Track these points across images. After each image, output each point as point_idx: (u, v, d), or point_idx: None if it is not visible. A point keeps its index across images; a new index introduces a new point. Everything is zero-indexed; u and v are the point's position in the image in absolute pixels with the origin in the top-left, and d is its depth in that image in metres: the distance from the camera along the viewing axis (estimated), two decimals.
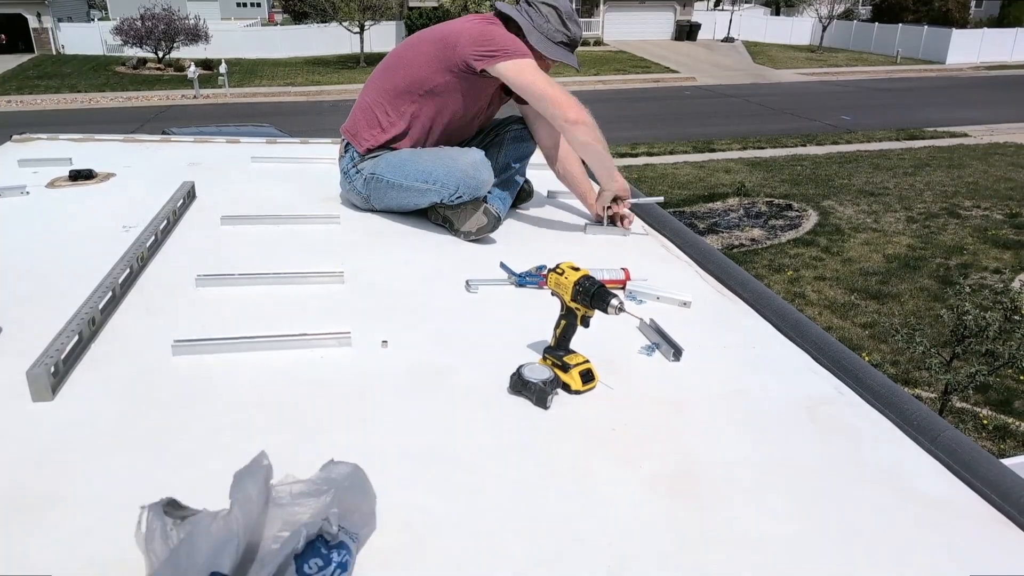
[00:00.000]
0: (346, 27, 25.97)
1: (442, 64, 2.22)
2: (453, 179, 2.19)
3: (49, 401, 1.31)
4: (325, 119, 17.35)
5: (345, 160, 2.41)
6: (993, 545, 1.12)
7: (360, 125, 2.37)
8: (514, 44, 2.17)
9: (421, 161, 2.26)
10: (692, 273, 2.15)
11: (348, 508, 0.95)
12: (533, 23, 2.26)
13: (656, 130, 16.19)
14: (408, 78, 2.28)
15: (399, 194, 2.31)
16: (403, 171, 2.27)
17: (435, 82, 2.25)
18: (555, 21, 2.28)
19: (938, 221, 10.16)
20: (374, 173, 2.31)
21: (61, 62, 25.82)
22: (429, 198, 2.26)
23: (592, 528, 1.08)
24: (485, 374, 1.49)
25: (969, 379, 4.93)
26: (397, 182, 2.28)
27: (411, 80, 2.28)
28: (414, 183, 2.25)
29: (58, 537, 1.01)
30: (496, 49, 2.15)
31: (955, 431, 1.34)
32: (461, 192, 2.20)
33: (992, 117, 17.60)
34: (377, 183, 2.32)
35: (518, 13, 2.27)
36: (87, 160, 2.80)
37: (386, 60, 2.40)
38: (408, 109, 2.30)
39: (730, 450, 1.30)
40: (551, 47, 2.28)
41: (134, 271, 1.85)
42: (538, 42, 2.25)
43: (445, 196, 2.22)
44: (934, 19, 32.65)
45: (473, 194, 2.22)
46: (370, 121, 2.34)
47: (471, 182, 2.19)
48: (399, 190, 2.30)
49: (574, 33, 2.32)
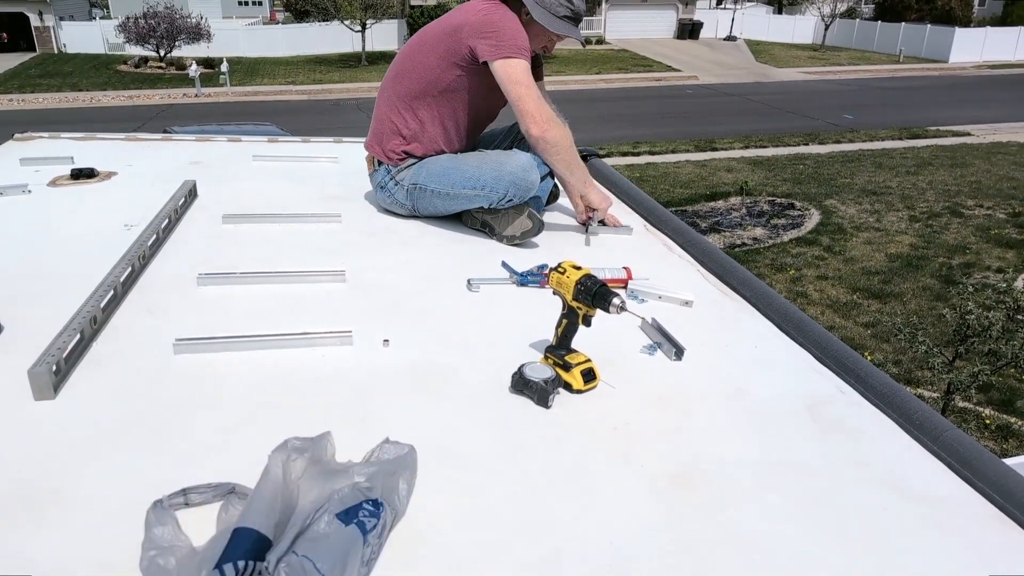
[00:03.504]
0: (347, 25, 25.95)
1: (450, 58, 2.18)
2: (503, 183, 2.16)
3: (51, 400, 1.31)
4: (327, 118, 17.35)
5: (379, 174, 2.38)
6: (995, 545, 1.11)
7: (384, 138, 2.33)
8: (513, 38, 2.12)
9: (467, 167, 2.23)
10: (694, 272, 2.14)
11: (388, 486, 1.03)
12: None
13: (658, 129, 16.17)
14: (420, 81, 2.25)
15: (445, 202, 2.29)
16: (448, 179, 2.25)
17: (447, 80, 2.22)
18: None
19: (941, 220, 10.14)
20: (416, 183, 2.29)
21: (63, 61, 25.84)
22: (477, 203, 2.24)
23: (592, 528, 1.08)
24: (486, 373, 1.49)
25: (972, 379, 4.92)
26: (443, 191, 2.26)
27: (423, 83, 2.24)
28: (462, 190, 2.23)
29: (59, 535, 1.01)
30: (497, 43, 2.11)
31: (957, 431, 1.34)
32: (511, 196, 2.17)
33: (995, 116, 17.56)
34: (422, 193, 2.29)
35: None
36: (89, 159, 2.81)
37: (394, 67, 2.35)
38: (427, 113, 2.27)
39: (732, 449, 1.29)
40: (555, 21, 2.21)
41: (135, 270, 1.85)
42: (542, 16, 2.19)
43: (494, 200, 2.19)
44: (937, 18, 32.57)
45: (523, 197, 2.19)
46: (392, 131, 2.31)
47: (522, 184, 2.16)
48: (446, 199, 2.27)
49: (577, 6, 2.25)
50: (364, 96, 20.52)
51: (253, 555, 0.85)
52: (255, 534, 0.88)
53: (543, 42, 2.29)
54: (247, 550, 0.86)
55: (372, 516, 0.95)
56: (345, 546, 0.90)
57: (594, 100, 19.46)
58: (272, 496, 0.93)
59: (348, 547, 0.90)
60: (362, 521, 0.93)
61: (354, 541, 0.91)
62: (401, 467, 1.08)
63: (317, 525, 0.91)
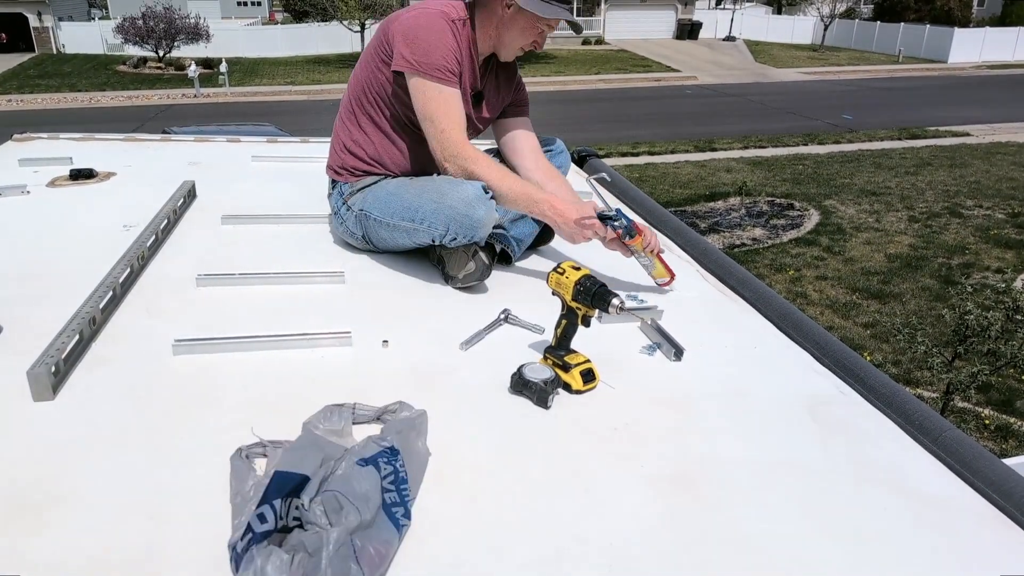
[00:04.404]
0: (346, 26, 25.96)
1: (380, 54, 1.93)
2: (441, 218, 1.82)
3: (50, 401, 1.31)
4: (326, 118, 17.29)
5: (334, 197, 2.12)
6: (995, 545, 1.11)
7: (334, 154, 2.10)
8: (427, 53, 1.84)
9: (407, 195, 1.92)
10: (693, 272, 2.14)
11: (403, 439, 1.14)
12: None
13: (657, 129, 16.17)
14: (359, 83, 2.01)
15: (390, 233, 1.97)
16: (389, 207, 1.94)
17: (379, 79, 1.94)
18: None
19: (940, 220, 10.14)
20: (363, 209, 2.00)
21: (61, 61, 25.83)
22: (419, 238, 1.92)
23: (592, 528, 1.08)
24: (486, 374, 1.48)
25: (971, 379, 4.92)
26: (384, 220, 1.95)
27: (360, 85, 2.00)
28: (401, 221, 1.92)
29: (59, 536, 1.00)
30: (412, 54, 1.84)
31: (957, 431, 1.34)
32: (454, 233, 1.83)
33: (994, 116, 17.57)
34: (367, 220, 2.00)
35: None
36: (87, 159, 2.81)
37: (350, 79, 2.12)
38: (370, 118, 2.01)
39: (731, 450, 1.29)
40: (543, 5, 1.88)
41: (135, 271, 1.85)
42: (528, 2, 1.87)
43: (436, 237, 1.87)
44: (936, 18, 32.59)
45: (470, 236, 1.83)
46: (340, 146, 2.07)
47: (464, 221, 1.80)
48: (389, 229, 1.97)
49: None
50: None
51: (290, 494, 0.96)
52: (294, 476, 0.99)
53: (531, 36, 1.95)
54: (283, 490, 0.97)
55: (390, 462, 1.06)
56: (366, 482, 1.01)
57: (593, 100, 19.46)
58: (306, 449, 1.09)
59: (369, 483, 1.01)
60: (379, 465, 1.05)
61: (372, 478, 1.02)
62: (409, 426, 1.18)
63: (339, 468, 1.02)
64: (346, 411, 1.25)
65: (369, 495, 0.99)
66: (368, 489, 1.00)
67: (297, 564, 0.88)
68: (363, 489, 0.99)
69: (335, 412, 1.23)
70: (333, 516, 0.94)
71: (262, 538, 0.91)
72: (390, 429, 1.18)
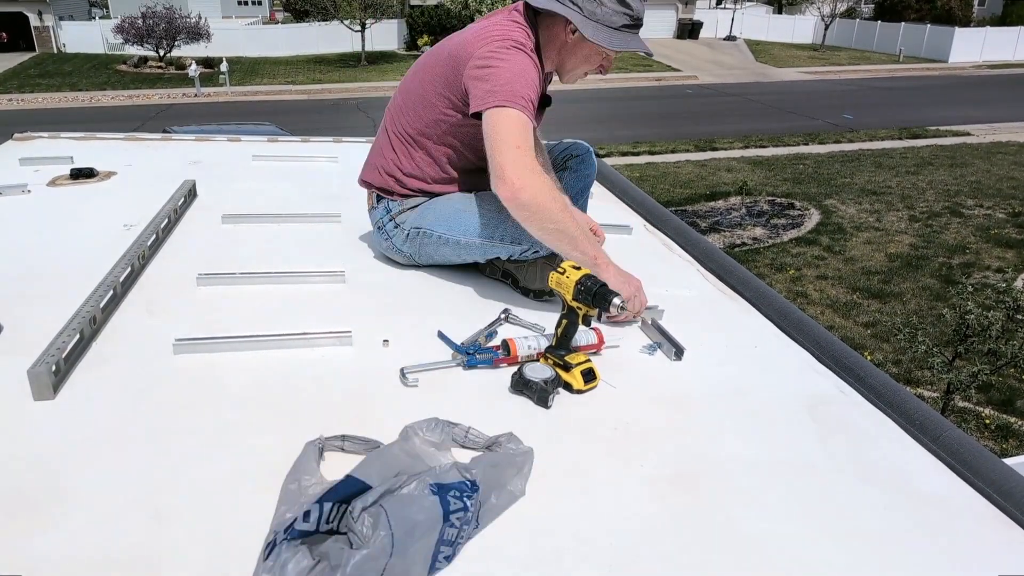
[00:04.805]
0: (347, 25, 25.94)
1: (450, 95, 1.79)
2: (525, 232, 1.71)
3: (50, 400, 1.31)
4: (326, 118, 17.34)
5: (378, 212, 2.00)
6: (995, 545, 1.11)
7: (377, 175, 1.98)
8: (510, 83, 1.67)
9: (483, 211, 1.82)
10: (694, 272, 2.14)
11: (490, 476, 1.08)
12: (583, 12, 1.73)
13: (658, 129, 16.17)
14: (421, 120, 1.87)
15: (455, 251, 1.89)
16: (459, 224, 1.85)
17: (449, 123, 1.83)
18: (610, 0, 1.74)
19: (940, 220, 10.14)
20: (420, 227, 1.90)
21: (62, 60, 25.82)
22: (495, 254, 1.85)
23: (592, 528, 1.08)
24: (486, 373, 1.48)
25: (971, 378, 4.92)
26: (453, 238, 1.86)
27: (424, 123, 1.87)
28: (475, 239, 1.83)
29: (59, 536, 1.00)
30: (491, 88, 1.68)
31: (957, 430, 1.34)
32: (537, 247, 1.76)
33: (995, 116, 17.56)
34: (425, 239, 1.90)
35: (562, 5, 1.74)
36: (88, 159, 2.81)
37: (398, 95, 1.96)
38: (430, 154, 1.90)
39: (731, 449, 1.29)
40: (614, 36, 1.75)
41: (135, 270, 1.85)
42: (596, 34, 1.73)
43: (516, 252, 1.81)
44: (937, 18, 32.57)
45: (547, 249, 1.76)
46: (387, 170, 1.96)
47: None
48: (455, 247, 1.87)
49: (636, 9, 1.76)
50: (364, 96, 20.52)
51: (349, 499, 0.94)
52: (360, 483, 0.97)
53: (597, 62, 1.85)
54: (347, 494, 0.95)
55: (462, 498, 0.99)
56: (423, 513, 0.94)
57: (594, 100, 19.44)
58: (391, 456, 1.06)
59: (426, 515, 0.95)
60: (448, 499, 0.97)
61: (433, 511, 0.95)
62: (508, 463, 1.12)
63: (406, 487, 0.97)
64: (459, 431, 1.21)
65: (417, 526, 0.93)
66: (422, 520, 0.94)
67: (317, 572, 0.87)
68: (416, 518, 0.94)
69: (440, 426, 1.19)
70: (371, 532, 0.90)
71: (300, 535, 0.91)
72: (484, 461, 1.10)
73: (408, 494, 0.95)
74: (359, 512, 0.92)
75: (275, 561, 0.88)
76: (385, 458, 1.06)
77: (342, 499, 0.95)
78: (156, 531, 1.02)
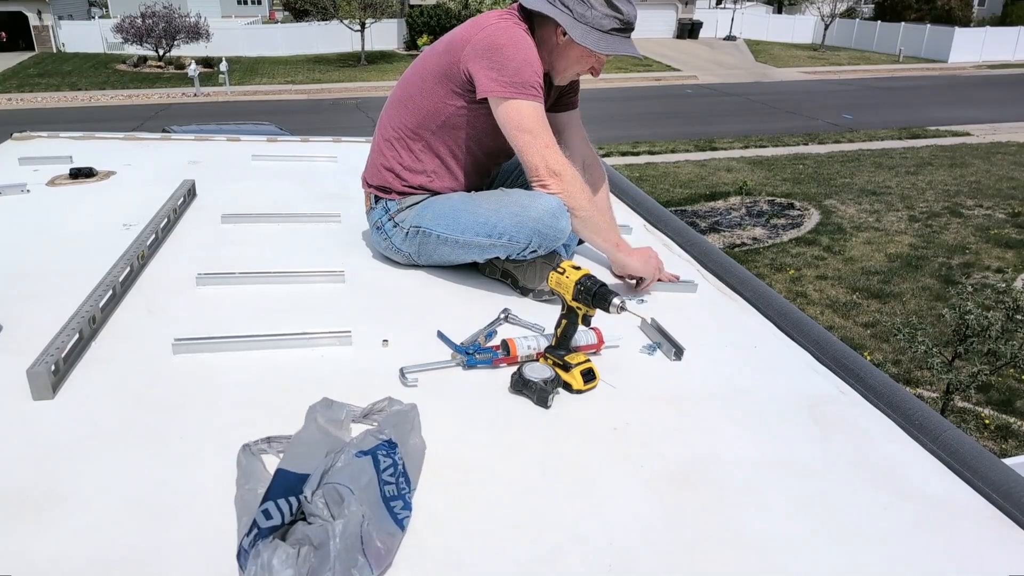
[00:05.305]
0: (347, 25, 25.94)
1: (447, 83, 1.82)
2: (524, 232, 1.77)
3: (50, 400, 1.31)
4: (325, 117, 17.34)
5: (376, 212, 2.00)
6: (994, 545, 1.11)
7: (380, 170, 1.97)
8: (518, 72, 1.73)
9: (481, 210, 1.84)
10: (694, 272, 2.14)
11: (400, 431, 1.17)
12: (574, 15, 1.75)
13: (657, 128, 16.17)
14: (419, 112, 1.89)
15: (454, 250, 1.90)
16: (458, 223, 1.86)
17: (447, 111, 1.85)
18: (600, 4, 1.76)
19: (940, 220, 10.14)
20: (419, 226, 1.91)
21: (61, 60, 25.80)
22: (493, 254, 1.86)
23: (592, 528, 1.08)
24: (486, 373, 1.48)
25: (971, 379, 4.92)
26: (451, 237, 1.87)
27: (422, 114, 1.88)
28: (474, 238, 1.84)
29: (59, 536, 1.00)
30: (499, 76, 1.73)
31: (957, 430, 1.34)
32: (535, 246, 1.80)
33: (994, 116, 17.57)
34: (425, 238, 1.91)
35: (552, 7, 1.77)
36: (87, 158, 2.81)
37: (396, 89, 1.99)
38: (426, 148, 1.91)
39: (731, 449, 1.29)
40: (602, 39, 1.77)
41: (134, 269, 1.85)
42: (585, 37, 1.76)
43: (514, 251, 1.82)
44: (937, 18, 32.57)
45: (549, 247, 1.82)
46: (386, 166, 1.96)
47: (548, 233, 1.78)
48: (454, 246, 1.88)
49: (627, 13, 1.78)
50: (363, 96, 20.52)
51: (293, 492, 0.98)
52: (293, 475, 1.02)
53: (588, 64, 1.86)
54: (287, 488, 0.99)
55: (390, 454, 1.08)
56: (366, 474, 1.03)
57: (593, 100, 19.44)
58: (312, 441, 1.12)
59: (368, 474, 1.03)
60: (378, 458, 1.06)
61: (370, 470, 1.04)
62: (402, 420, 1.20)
63: (339, 460, 1.05)
64: (351, 409, 1.27)
65: (368, 487, 1.01)
66: (368, 481, 1.01)
67: (303, 557, 0.89)
68: (363, 481, 1.01)
69: (334, 405, 1.25)
70: (335, 508, 0.95)
71: (268, 533, 0.92)
72: (386, 423, 1.20)
73: (345, 465, 1.03)
74: (311, 496, 0.97)
75: (255, 563, 0.88)
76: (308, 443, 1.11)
77: (288, 492, 0.98)
78: (156, 531, 1.02)
